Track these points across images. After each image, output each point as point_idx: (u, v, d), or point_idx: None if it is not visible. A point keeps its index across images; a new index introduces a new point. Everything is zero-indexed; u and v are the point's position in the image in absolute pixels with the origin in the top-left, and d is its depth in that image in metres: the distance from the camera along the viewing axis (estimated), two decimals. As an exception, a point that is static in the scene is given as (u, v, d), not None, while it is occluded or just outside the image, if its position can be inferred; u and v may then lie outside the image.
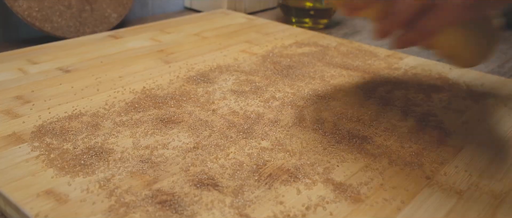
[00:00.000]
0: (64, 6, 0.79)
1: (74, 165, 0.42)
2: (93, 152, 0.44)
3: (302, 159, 0.44)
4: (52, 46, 0.71)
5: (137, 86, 0.59)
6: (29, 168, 0.41)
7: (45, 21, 0.77)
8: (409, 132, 0.50)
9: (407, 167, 0.44)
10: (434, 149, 0.47)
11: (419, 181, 0.42)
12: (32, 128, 0.48)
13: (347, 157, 0.45)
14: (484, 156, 0.46)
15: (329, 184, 0.41)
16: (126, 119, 0.50)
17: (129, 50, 0.71)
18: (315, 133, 0.49)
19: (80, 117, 0.50)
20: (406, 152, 0.46)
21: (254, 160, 0.44)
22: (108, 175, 0.41)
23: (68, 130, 0.47)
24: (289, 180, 0.41)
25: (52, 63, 0.64)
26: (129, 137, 0.47)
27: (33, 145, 0.45)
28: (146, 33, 0.79)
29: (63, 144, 0.45)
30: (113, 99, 0.55)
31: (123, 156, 0.44)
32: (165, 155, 0.44)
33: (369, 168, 0.43)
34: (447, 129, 0.51)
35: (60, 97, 0.55)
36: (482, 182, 0.42)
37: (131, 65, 0.65)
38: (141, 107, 0.53)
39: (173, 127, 0.49)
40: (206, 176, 0.41)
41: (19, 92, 0.55)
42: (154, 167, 0.42)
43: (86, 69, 0.63)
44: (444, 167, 0.44)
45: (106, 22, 0.85)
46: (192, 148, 0.45)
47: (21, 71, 0.62)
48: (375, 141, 0.48)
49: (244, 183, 0.41)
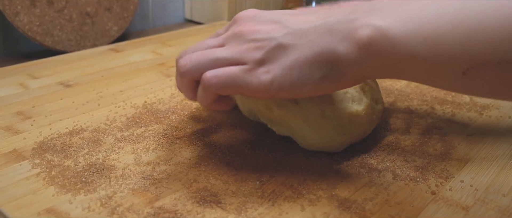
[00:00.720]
0: (65, 19, 0.79)
1: (75, 183, 0.41)
2: (94, 169, 0.43)
3: (306, 174, 0.44)
4: (53, 61, 0.70)
5: (139, 100, 0.58)
6: (30, 186, 0.41)
7: (46, 35, 0.77)
8: (413, 145, 0.49)
9: (412, 182, 0.43)
10: (438, 163, 0.46)
11: (424, 196, 0.41)
12: (33, 145, 0.47)
13: (350, 172, 0.45)
14: (489, 170, 0.46)
15: (334, 200, 0.40)
16: (127, 134, 0.50)
17: (130, 64, 0.71)
18: (318, 147, 0.49)
19: (81, 133, 0.50)
20: (411, 166, 0.46)
21: (257, 175, 0.43)
22: (110, 192, 0.40)
23: (69, 146, 0.47)
24: (293, 196, 0.41)
25: (53, 78, 0.64)
26: (131, 152, 0.46)
27: (34, 162, 0.44)
28: (147, 46, 0.79)
29: (64, 160, 0.45)
30: (114, 114, 0.54)
31: (124, 173, 0.43)
32: (167, 171, 0.44)
33: (374, 183, 0.43)
34: (451, 142, 0.50)
35: (61, 113, 0.54)
36: (488, 197, 0.41)
37: (132, 79, 0.65)
38: (143, 122, 0.52)
39: (175, 142, 0.49)
40: (208, 193, 0.41)
41: (20, 108, 0.55)
42: (156, 183, 0.42)
43: (87, 84, 0.63)
44: (450, 182, 0.43)
45: (107, 36, 0.85)
46: (194, 164, 0.45)
47: (22, 86, 0.61)
48: (378, 155, 0.47)
49: (247, 199, 0.40)
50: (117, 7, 0.85)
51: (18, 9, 0.73)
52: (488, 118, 0.56)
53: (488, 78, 0.33)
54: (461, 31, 0.32)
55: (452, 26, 0.32)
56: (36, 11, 0.75)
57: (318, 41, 0.37)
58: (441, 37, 0.33)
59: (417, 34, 0.33)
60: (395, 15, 0.35)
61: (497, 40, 0.31)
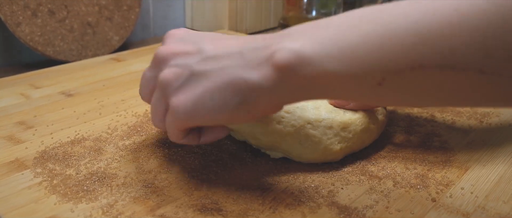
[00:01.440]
0: (66, 30, 0.79)
1: (77, 191, 0.42)
2: (96, 177, 0.44)
3: (306, 182, 0.44)
4: (55, 70, 0.71)
5: (140, 109, 0.59)
6: (32, 195, 0.41)
7: (48, 45, 0.77)
8: (413, 152, 0.50)
9: (412, 189, 0.43)
10: (439, 170, 0.46)
11: (424, 203, 0.41)
12: (34, 154, 0.47)
13: (351, 179, 0.45)
14: (490, 177, 0.46)
15: (334, 208, 0.40)
16: (128, 143, 0.50)
17: (131, 73, 0.71)
18: (318, 155, 0.49)
19: (82, 142, 0.50)
20: (411, 173, 0.46)
21: (258, 183, 0.44)
22: (111, 200, 0.40)
23: (70, 155, 0.47)
24: (294, 204, 0.41)
25: (55, 88, 0.64)
26: (132, 161, 0.47)
27: (36, 171, 0.44)
28: (148, 55, 0.79)
29: (65, 169, 0.45)
30: (116, 123, 0.55)
31: (126, 181, 0.43)
32: (169, 179, 0.44)
33: (374, 190, 0.43)
34: (451, 149, 0.51)
35: (62, 122, 0.55)
36: (488, 204, 0.41)
37: (134, 88, 0.65)
38: (144, 131, 0.53)
39: (176, 151, 0.49)
40: (210, 201, 0.41)
41: (22, 118, 0.55)
42: (158, 191, 0.42)
43: (88, 93, 0.63)
44: (450, 189, 0.44)
45: (108, 45, 0.85)
46: (195, 172, 0.45)
47: (24, 96, 0.62)
48: (379, 162, 0.48)
49: (248, 207, 0.40)
50: (118, 17, 0.85)
51: (19, 19, 0.74)
52: (488, 126, 0.56)
53: (404, 87, 0.33)
54: (372, 42, 0.32)
55: (363, 38, 0.32)
56: (37, 22, 0.76)
57: (230, 68, 0.37)
58: (353, 50, 0.33)
59: (330, 51, 0.33)
60: (307, 37, 0.34)
61: (408, 44, 0.31)
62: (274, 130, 0.45)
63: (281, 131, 0.45)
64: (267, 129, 0.45)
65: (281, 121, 0.45)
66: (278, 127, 0.45)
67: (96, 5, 0.82)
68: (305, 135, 0.45)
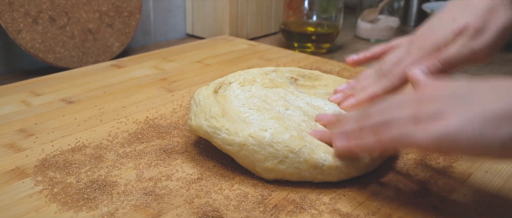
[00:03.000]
0: (67, 36, 0.79)
1: (77, 199, 0.41)
2: (96, 185, 0.43)
3: (308, 188, 0.44)
4: (55, 77, 0.71)
5: (140, 116, 0.58)
6: (33, 203, 0.41)
7: (48, 52, 0.77)
8: (415, 159, 0.49)
9: (415, 195, 0.43)
10: (441, 176, 0.46)
11: (427, 210, 0.41)
12: (35, 162, 0.47)
13: (353, 186, 0.44)
14: (492, 184, 0.45)
15: (336, 215, 0.40)
16: (129, 150, 0.50)
17: (132, 80, 0.71)
18: (320, 161, 0.49)
19: (83, 149, 0.50)
20: (413, 180, 0.46)
21: (259, 190, 0.43)
22: (112, 209, 0.40)
23: (71, 163, 0.47)
24: (295, 211, 0.41)
25: (55, 95, 0.64)
26: (133, 168, 0.47)
27: (37, 179, 0.44)
28: (149, 61, 0.79)
29: (66, 177, 0.45)
30: (116, 130, 0.55)
31: (126, 189, 0.43)
32: (169, 186, 0.44)
33: (376, 197, 0.43)
34: (454, 156, 0.50)
35: (63, 130, 0.54)
36: (491, 211, 0.41)
37: (134, 94, 0.65)
38: (144, 138, 0.53)
39: (176, 157, 0.49)
40: (210, 208, 0.41)
41: (23, 125, 0.55)
42: (158, 199, 0.42)
43: (89, 100, 0.63)
44: (453, 196, 0.43)
45: (108, 51, 0.85)
46: (196, 179, 0.45)
47: (25, 103, 0.62)
48: (381, 169, 0.47)
49: (249, 214, 0.40)
50: (119, 23, 0.85)
51: (20, 26, 0.74)
52: (490, 130, 0.56)
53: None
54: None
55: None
56: (38, 29, 0.76)
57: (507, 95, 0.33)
58: None
59: None
60: None
61: None
62: (274, 168, 0.44)
63: (283, 171, 0.44)
64: (267, 167, 0.44)
65: (284, 161, 0.43)
66: (280, 167, 0.44)
67: (97, 11, 0.82)
68: (311, 177, 0.44)
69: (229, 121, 0.45)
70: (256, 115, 0.47)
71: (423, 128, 0.35)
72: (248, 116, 0.47)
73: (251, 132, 0.44)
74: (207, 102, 0.48)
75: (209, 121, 0.46)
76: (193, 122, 0.48)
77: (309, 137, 0.45)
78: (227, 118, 0.46)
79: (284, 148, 0.43)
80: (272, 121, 0.46)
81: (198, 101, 0.49)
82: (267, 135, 0.43)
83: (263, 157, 0.43)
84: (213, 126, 0.45)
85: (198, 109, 0.48)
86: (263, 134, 0.43)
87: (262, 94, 0.51)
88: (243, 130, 0.44)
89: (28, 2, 0.74)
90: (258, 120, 0.46)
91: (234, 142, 0.44)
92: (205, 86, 0.52)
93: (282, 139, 0.43)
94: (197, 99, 0.49)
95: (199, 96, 0.49)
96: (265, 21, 1.06)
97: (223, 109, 0.47)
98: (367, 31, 1.04)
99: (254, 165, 0.44)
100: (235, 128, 0.44)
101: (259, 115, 0.47)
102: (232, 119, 0.46)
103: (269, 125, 0.45)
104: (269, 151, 0.43)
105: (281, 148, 0.43)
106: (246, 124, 0.45)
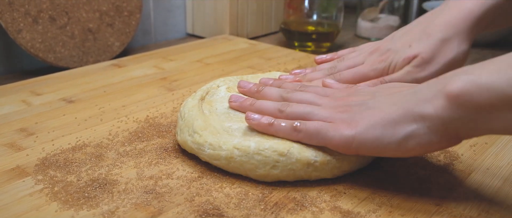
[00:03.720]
0: (67, 36, 0.79)
1: (78, 198, 0.41)
2: (97, 184, 0.43)
3: (309, 186, 0.44)
4: (56, 77, 0.71)
5: (141, 115, 0.58)
6: (33, 202, 0.41)
7: (49, 52, 0.77)
8: (415, 156, 0.49)
9: (415, 193, 0.43)
10: (441, 174, 0.46)
11: (428, 208, 0.41)
12: (35, 161, 0.47)
13: (353, 183, 0.44)
14: (493, 181, 0.45)
15: (337, 212, 0.40)
16: (129, 149, 0.50)
17: (133, 79, 0.71)
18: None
19: (83, 148, 0.50)
20: (414, 177, 0.46)
21: (259, 188, 0.43)
22: (112, 207, 0.40)
23: (72, 162, 0.47)
24: (296, 209, 0.41)
25: (56, 94, 0.64)
26: (133, 167, 0.47)
27: (37, 178, 0.44)
28: (149, 61, 0.79)
29: (67, 176, 0.45)
30: (117, 129, 0.55)
31: (127, 187, 0.43)
32: (170, 185, 0.44)
33: (377, 194, 0.43)
34: (454, 152, 0.50)
35: (63, 129, 0.54)
36: (492, 208, 0.41)
37: (135, 94, 0.65)
38: (145, 137, 0.53)
39: (177, 156, 0.49)
40: (211, 206, 0.41)
41: (23, 125, 0.55)
42: (159, 197, 0.42)
43: (89, 100, 0.63)
44: (453, 193, 0.43)
45: (109, 51, 0.85)
46: (196, 177, 0.45)
47: (25, 103, 0.62)
48: (381, 166, 0.47)
49: (250, 212, 0.40)
50: (119, 23, 0.85)
51: (20, 26, 0.74)
52: (491, 128, 0.56)
53: None
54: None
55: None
56: (38, 28, 0.76)
57: (403, 103, 0.40)
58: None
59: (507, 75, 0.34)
60: (481, 68, 0.36)
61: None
62: (268, 174, 0.44)
63: (278, 175, 0.44)
64: (261, 174, 0.44)
65: (276, 165, 0.43)
66: (273, 171, 0.43)
67: (97, 11, 0.82)
68: (307, 175, 0.44)
69: (212, 134, 0.45)
70: (238, 123, 0.47)
71: (335, 128, 0.42)
72: (231, 125, 0.47)
73: (235, 143, 0.43)
74: (190, 116, 0.48)
75: (192, 136, 0.46)
76: (179, 137, 0.48)
77: None
78: (210, 130, 0.45)
79: (272, 153, 0.43)
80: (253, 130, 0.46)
81: (183, 114, 0.49)
82: (251, 144, 0.43)
83: (253, 166, 0.43)
84: (196, 142, 0.45)
85: (183, 123, 0.48)
86: (248, 144, 0.43)
87: None
88: (226, 142, 0.44)
89: (28, 1, 0.74)
90: (239, 128, 0.46)
91: (221, 156, 0.44)
92: (192, 96, 0.52)
93: (268, 144, 0.43)
94: (182, 112, 0.49)
95: (184, 109, 0.49)
96: (266, 21, 1.06)
97: (206, 120, 0.47)
98: (367, 30, 1.04)
99: (247, 173, 0.44)
100: (218, 141, 0.44)
101: (242, 124, 0.47)
102: (215, 130, 0.45)
103: (252, 135, 0.45)
104: (258, 159, 0.43)
105: (269, 153, 0.43)
106: (229, 135, 0.45)
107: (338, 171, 0.44)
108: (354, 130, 0.41)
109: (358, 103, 0.43)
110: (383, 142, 0.39)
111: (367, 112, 0.41)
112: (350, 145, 0.41)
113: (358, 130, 0.40)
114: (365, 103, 0.42)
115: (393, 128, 0.39)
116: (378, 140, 0.40)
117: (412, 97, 0.39)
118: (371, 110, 0.41)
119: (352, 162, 0.45)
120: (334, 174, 0.45)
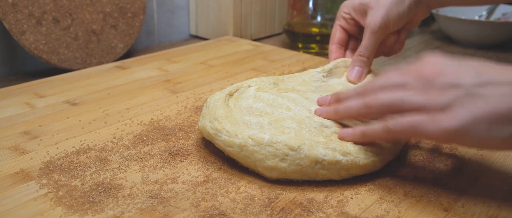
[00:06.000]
0: (71, 38, 0.79)
1: (83, 203, 0.41)
2: (101, 188, 0.43)
3: (315, 191, 0.43)
4: (59, 79, 0.70)
5: (145, 118, 0.58)
6: (37, 207, 0.40)
7: (52, 54, 0.77)
8: (423, 161, 0.49)
9: (423, 198, 0.43)
10: (449, 179, 0.46)
11: (436, 213, 0.41)
12: (40, 165, 0.47)
13: (361, 188, 0.44)
14: (502, 186, 0.45)
15: (344, 218, 0.40)
16: (134, 153, 0.49)
17: (136, 81, 0.70)
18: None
19: (88, 152, 0.50)
20: (421, 182, 0.45)
21: (266, 193, 0.43)
22: (117, 212, 0.40)
23: (76, 166, 0.47)
24: (303, 214, 0.40)
25: (59, 97, 0.64)
26: (138, 171, 0.46)
27: (41, 182, 0.44)
28: (152, 62, 0.79)
29: (71, 180, 0.44)
30: (121, 132, 0.54)
31: (132, 192, 0.43)
32: (175, 189, 0.43)
33: (384, 200, 0.42)
34: (462, 157, 0.50)
35: (67, 132, 0.54)
36: (501, 213, 0.41)
37: (139, 96, 0.65)
38: (150, 140, 0.52)
39: (182, 160, 0.48)
40: (217, 212, 0.40)
41: (27, 128, 0.55)
42: (164, 202, 0.41)
43: (93, 102, 0.63)
44: (462, 198, 0.43)
45: (112, 53, 0.85)
46: (202, 182, 0.45)
47: (28, 105, 0.61)
48: (388, 171, 0.47)
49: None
50: (123, 24, 0.85)
51: (24, 28, 0.74)
52: (498, 132, 0.55)
53: None
54: None
55: None
56: (42, 30, 0.75)
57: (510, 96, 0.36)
58: None
59: None
60: None
61: None
62: (275, 167, 0.44)
63: (285, 169, 0.44)
64: (268, 166, 0.44)
65: (285, 158, 0.43)
66: (281, 164, 0.44)
67: (101, 12, 0.82)
68: (314, 173, 0.44)
69: (231, 123, 0.46)
70: (257, 118, 0.48)
71: (432, 120, 0.37)
72: (250, 119, 0.48)
73: (250, 133, 0.45)
74: (214, 105, 0.49)
75: (212, 122, 0.47)
76: (200, 123, 0.49)
77: (308, 135, 0.45)
78: (230, 120, 0.46)
79: (283, 147, 0.43)
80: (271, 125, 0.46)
81: (209, 104, 0.50)
82: (266, 136, 0.44)
83: (263, 157, 0.44)
84: (215, 127, 0.46)
85: (206, 111, 0.49)
86: (262, 136, 0.44)
87: (270, 98, 0.51)
88: (243, 132, 0.45)
89: (31, 3, 0.74)
90: (258, 123, 0.47)
91: (234, 143, 0.45)
92: (221, 91, 0.52)
93: (281, 138, 0.44)
94: (208, 102, 0.51)
95: (210, 100, 0.51)
96: (269, 22, 1.06)
97: (228, 111, 0.48)
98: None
99: (256, 165, 0.44)
100: (236, 130, 0.45)
101: (260, 119, 0.48)
102: (235, 121, 0.46)
103: (268, 129, 0.46)
104: (269, 151, 0.44)
105: (280, 146, 0.43)
106: (247, 126, 0.46)
107: (345, 173, 0.44)
108: (455, 122, 0.37)
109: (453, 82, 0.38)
110: (487, 138, 0.37)
111: (468, 101, 0.37)
112: (449, 138, 0.38)
113: (460, 122, 0.36)
114: (463, 86, 0.37)
115: (501, 125, 0.36)
116: (482, 136, 0.36)
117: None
118: (473, 97, 0.37)
119: (361, 168, 0.45)
120: (342, 176, 0.44)
